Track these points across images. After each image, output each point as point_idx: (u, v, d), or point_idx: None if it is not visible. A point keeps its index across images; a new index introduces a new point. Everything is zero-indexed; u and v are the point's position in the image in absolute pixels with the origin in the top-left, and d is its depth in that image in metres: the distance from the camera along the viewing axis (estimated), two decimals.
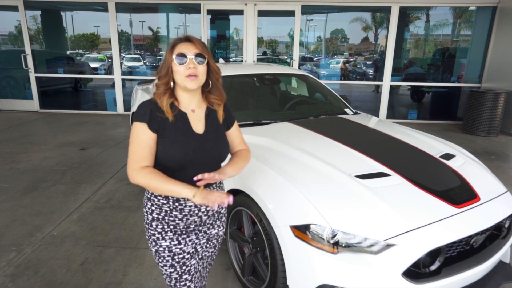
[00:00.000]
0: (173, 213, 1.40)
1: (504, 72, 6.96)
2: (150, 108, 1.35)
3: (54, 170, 4.34)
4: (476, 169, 2.34)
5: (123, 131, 6.41)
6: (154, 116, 1.33)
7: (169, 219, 1.41)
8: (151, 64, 8.71)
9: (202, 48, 1.36)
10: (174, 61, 1.33)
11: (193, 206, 1.42)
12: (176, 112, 1.38)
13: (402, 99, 8.49)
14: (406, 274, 1.65)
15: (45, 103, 8.13)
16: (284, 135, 2.58)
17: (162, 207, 1.40)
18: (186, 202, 1.40)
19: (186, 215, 1.42)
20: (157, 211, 1.41)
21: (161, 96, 1.36)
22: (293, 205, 1.83)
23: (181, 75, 1.33)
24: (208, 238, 1.53)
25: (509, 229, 2.10)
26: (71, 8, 8.16)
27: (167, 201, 1.39)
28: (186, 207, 1.41)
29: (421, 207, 1.81)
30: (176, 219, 1.42)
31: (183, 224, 1.43)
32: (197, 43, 1.36)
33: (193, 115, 1.43)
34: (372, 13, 8.05)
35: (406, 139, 2.60)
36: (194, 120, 1.43)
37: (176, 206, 1.40)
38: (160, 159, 1.36)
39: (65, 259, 2.59)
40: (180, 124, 1.38)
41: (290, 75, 4.01)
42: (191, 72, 1.32)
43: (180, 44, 1.36)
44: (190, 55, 1.33)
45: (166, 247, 1.42)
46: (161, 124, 1.35)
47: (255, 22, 7.43)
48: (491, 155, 5.39)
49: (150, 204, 1.42)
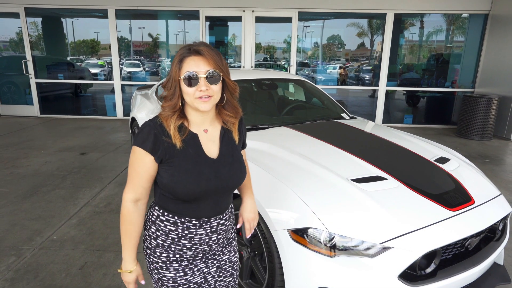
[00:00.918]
0: (181, 241, 1.25)
1: (497, 78, 7.07)
2: (154, 133, 1.15)
3: (54, 174, 4.36)
4: (470, 172, 2.37)
5: (122, 135, 6.44)
6: (158, 141, 1.15)
7: (176, 248, 1.25)
8: (150, 69, 8.78)
9: (215, 63, 1.14)
10: (182, 80, 1.13)
11: (204, 235, 1.27)
12: (186, 135, 1.19)
13: (397, 104, 8.57)
14: (402, 276, 1.67)
15: (45, 109, 8.17)
16: (281, 139, 2.61)
17: (169, 234, 1.24)
18: (197, 230, 1.25)
19: (196, 244, 1.27)
20: (162, 238, 1.25)
21: (168, 118, 1.16)
22: (290, 209, 1.86)
23: (191, 96, 1.14)
24: (218, 265, 1.38)
25: (502, 231, 2.13)
26: (71, 14, 8.23)
27: (175, 227, 1.24)
28: (197, 235, 1.26)
29: (417, 210, 1.84)
30: (184, 248, 1.26)
31: (190, 253, 1.28)
32: (209, 57, 1.13)
33: (205, 136, 1.24)
34: (368, 19, 8.13)
35: (401, 143, 2.63)
36: (207, 142, 1.24)
37: (186, 234, 1.24)
38: (168, 189, 1.19)
39: (65, 263, 2.61)
40: (190, 149, 1.19)
41: (288, 80, 4.05)
42: (203, 95, 1.13)
43: (189, 59, 1.14)
44: (202, 74, 1.12)
45: (171, 278, 1.27)
46: (167, 151, 1.16)
47: (253, 28, 7.51)
48: (485, 159, 5.44)
49: (155, 229, 1.26)
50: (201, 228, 1.25)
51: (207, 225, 1.26)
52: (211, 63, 1.13)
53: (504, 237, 2.13)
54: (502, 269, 2.27)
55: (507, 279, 2.22)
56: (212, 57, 1.14)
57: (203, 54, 1.14)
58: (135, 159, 1.17)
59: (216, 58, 1.15)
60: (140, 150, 1.15)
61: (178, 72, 1.14)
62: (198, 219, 1.24)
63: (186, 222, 1.23)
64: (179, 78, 1.14)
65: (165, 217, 1.24)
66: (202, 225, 1.25)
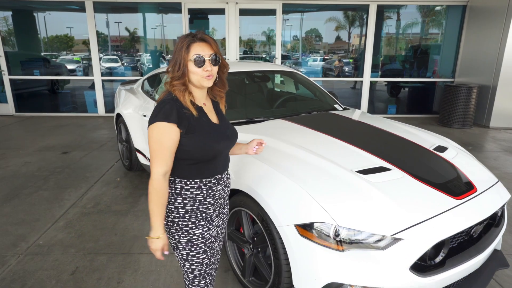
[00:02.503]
0: (207, 200, 1.47)
1: (475, 67, 7.25)
2: (176, 107, 1.34)
3: (35, 175, 4.16)
4: (469, 160, 2.38)
5: (106, 133, 6.22)
6: (181, 113, 1.34)
7: (203, 207, 1.47)
8: (129, 64, 8.53)
9: (216, 48, 1.39)
10: (191, 62, 1.34)
11: (221, 189, 1.52)
12: (195, 107, 1.41)
13: (380, 95, 8.68)
14: (413, 267, 1.65)
15: (21, 106, 7.80)
16: (279, 132, 2.55)
17: (196, 198, 1.45)
18: (217, 187, 1.49)
19: (217, 199, 1.51)
20: (191, 203, 1.45)
21: (183, 93, 1.37)
22: (296, 203, 1.80)
23: (198, 75, 1.36)
24: (223, 219, 1.63)
25: (501, 217, 2.15)
26: (45, 8, 7.87)
27: (200, 190, 1.45)
28: (217, 191, 1.50)
29: (424, 200, 1.82)
30: (209, 205, 1.48)
31: (212, 209, 1.51)
32: (212, 44, 1.38)
33: (205, 108, 1.49)
34: (351, 11, 8.14)
35: (399, 133, 2.62)
36: (209, 112, 1.49)
37: (210, 193, 1.47)
38: (194, 154, 1.39)
39: (54, 269, 2.47)
40: (203, 118, 1.43)
41: (279, 72, 3.98)
42: (209, 74, 1.36)
43: (195, 44, 1.35)
44: (207, 57, 1.36)
45: (200, 234, 1.47)
46: (190, 120, 1.37)
47: (237, 20, 7.38)
48: (468, 146, 5.56)
49: (182, 199, 1.44)
50: (219, 184, 1.50)
51: (221, 180, 1.52)
52: (213, 48, 1.38)
53: (503, 223, 2.15)
54: (500, 254, 2.30)
55: (505, 263, 2.25)
56: (214, 43, 1.39)
57: (208, 41, 1.38)
58: (161, 134, 1.32)
59: (216, 44, 1.40)
60: (165, 124, 1.31)
61: (187, 56, 1.35)
62: (215, 178, 1.48)
63: (208, 183, 1.45)
64: (188, 60, 1.35)
65: (189, 186, 1.43)
66: (219, 182, 1.50)
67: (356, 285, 1.66)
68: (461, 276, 1.82)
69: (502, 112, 6.78)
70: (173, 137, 1.33)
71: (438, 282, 1.70)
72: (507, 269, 2.49)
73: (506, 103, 6.73)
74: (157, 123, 1.32)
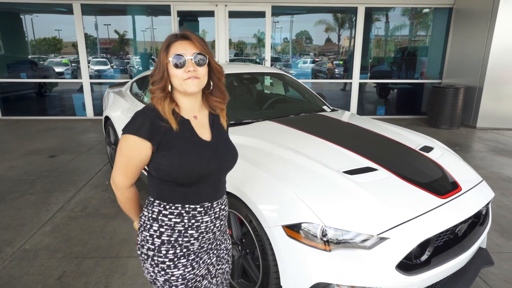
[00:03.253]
0: (188, 232, 1.23)
1: (462, 68, 7.39)
2: (150, 118, 1.15)
3: (22, 179, 4.09)
4: (454, 160, 2.42)
5: (94, 136, 6.16)
6: (155, 127, 1.15)
7: (183, 240, 1.24)
8: (118, 67, 8.47)
9: (202, 46, 1.19)
10: (170, 63, 1.16)
11: (209, 222, 1.27)
12: (178, 120, 1.20)
13: (369, 96, 8.77)
14: (399, 266, 1.67)
15: (7, 110, 7.69)
16: (268, 133, 2.56)
17: (175, 227, 1.22)
18: (203, 217, 1.25)
19: (203, 232, 1.26)
20: (168, 233, 1.22)
21: (161, 101, 1.17)
22: (284, 204, 1.81)
23: (179, 79, 1.16)
24: (218, 255, 1.39)
25: (485, 215, 2.19)
26: (32, 10, 7.77)
27: (181, 218, 1.22)
28: (203, 223, 1.26)
29: (410, 199, 1.84)
30: (191, 239, 1.25)
31: (197, 244, 1.27)
32: (195, 41, 1.18)
33: (195, 122, 1.26)
34: (340, 14, 8.23)
35: (386, 134, 2.65)
36: (199, 127, 1.26)
37: (193, 224, 1.23)
38: (169, 175, 1.18)
39: (40, 274, 2.43)
40: (186, 133, 1.20)
41: (268, 74, 4.00)
42: (191, 75, 1.16)
43: (176, 43, 1.18)
44: (189, 56, 1.16)
45: (180, 275, 1.24)
46: (165, 135, 1.16)
47: (226, 23, 7.39)
48: (455, 147, 5.65)
49: (158, 226, 1.22)
50: (206, 215, 1.26)
51: (211, 211, 1.27)
52: (197, 46, 1.18)
53: (487, 222, 2.19)
54: (485, 253, 2.34)
55: (490, 261, 2.29)
56: (198, 40, 1.19)
57: (190, 38, 1.19)
58: (129, 148, 1.17)
59: (202, 42, 1.20)
60: (134, 137, 1.15)
61: (166, 57, 1.17)
62: (202, 205, 1.24)
63: (191, 210, 1.23)
64: (167, 62, 1.17)
65: (168, 210, 1.22)
66: (206, 212, 1.26)
67: (343, 284, 1.67)
68: (447, 274, 1.85)
69: (488, 113, 6.91)
70: (141, 154, 1.16)
71: (424, 281, 1.72)
72: (493, 267, 2.54)
73: (492, 104, 6.86)
74: (127, 135, 1.16)
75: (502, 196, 3.75)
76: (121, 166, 1.21)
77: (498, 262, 2.62)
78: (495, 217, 3.31)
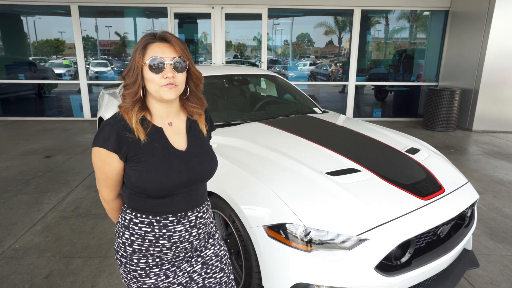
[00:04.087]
0: (159, 242, 1.17)
1: (458, 71, 7.40)
2: (116, 129, 1.08)
3: (16, 179, 4.12)
4: (439, 162, 2.43)
5: (90, 137, 6.19)
6: (121, 138, 1.08)
7: (155, 250, 1.17)
8: (119, 69, 8.51)
9: (182, 51, 1.10)
10: (146, 66, 1.07)
11: (183, 231, 1.19)
12: (149, 129, 1.13)
13: (367, 99, 8.79)
14: (379, 267, 1.68)
15: (5, 111, 7.74)
16: (254, 135, 2.57)
17: (146, 236, 1.16)
18: (175, 226, 1.17)
19: (176, 242, 1.19)
20: (138, 242, 1.17)
21: (129, 111, 1.09)
22: (265, 204, 1.82)
23: (155, 84, 1.08)
24: (203, 262, 1.29)
25: (470, 217, 2.20)
26: (31, 12, 7.82)
27: (151, 228, 1.15)
28: (176, 232, 1.17)
29: (391, 200, 1.85)
30: (163, 249, 1.18)
31: (171, 253, 1.20)
32: (176, 44, 1.09)
33: (170, 129, 1.18)
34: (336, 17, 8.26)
35: (373, 135, 2.66)
36: (173, 135, 1.18)
37: (164, 233, 1.16)
38: (138, 187, 1.12)
39: (28, 273, 2.45)
40: (156, 144, 1.13)
41: (259, 75, 4.02)
42: (169, 82, 1.07)
43: (154, 45, 1.08)
44: (168, 60, 1.07)
45: (152, 284, 1.19)
46: (131, 147, 1.10)
47: (223, 25, 7.42)
48: (450, 149, 5.65)
49: (129, 234, 1.17)
50: (180, 224, 1.18)
51: (185, 220, 1.19)
52: (177, 50, 1.09)
53: (472, 223, 2.20)
54: (471, 255, 2.34)
55: (476, 263, 2.30)
56: (178, 44, 1.10)
57: (170, 41, 1.09)
58: (100, 161, 1.12)
59: (182, 46, 1.11)
60: (102, 150, 1.09)
61: (142, 59, 1.08)
62: (175, 215, 1.17)
63: (163, 220, 1.16)
64: (143, 64, 1.08)
65: (139, 219, 1.17)
66: (180, 221, 1.18)
67: (323, 285, 1.68)
68: (428, 275, 1.85)
69: (484, 116, 6.91)
70: (113, 165, 1.11)
71: (404, 282, 1.73)
72: (479, 269, 2.55)
73: (488, 107, 6.87)
74: (96, 148, 1.10)
75: (494, 199, 3.75)
76: (100, 180, 1.17)
77: (486, 264, 2.63)
78: (486, 219, 3.31)
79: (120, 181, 1.17)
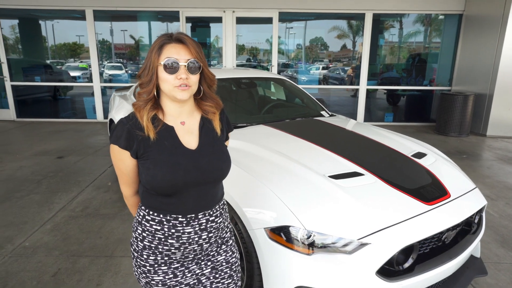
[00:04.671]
0: (168, 241, 1.19)
1: (472, 76, 7.26)
2: (127, 128, 1.13)
3: (29, 179, 4.22)
4: (446, 166, 2.39)
5: (102, 138, 6.30)
6: (132, 136, 1.13)
7: (164, 249, 1.20)
8: (133, 72, 8.65)
9: (196, 52, 1.12)
10: (161, 66, 1.10)
11: (193, 233, 1.20)
12: (160, 127, 1.16)
13: (378, 103, 8.70)
14: (380, 272, 1.66)
15: (22, 112, 7.94)
16: (259, 137, 2.58)
17: (155, 234, 1.19)
18: (184, 228, 1.19)
19: (185, 243, 1.20)
20: (149, 239, 1.20)
21: (141, 109, 1.13)
22: (267, 207, 1.82)
23: (169, 84, 1.11)
24: (213, 266, 1.30)
25: (478, 224, 2.15)
26: (48, 16, 8.02)
27: (161, 226, 1.18)
28: (185, 234, 1.19)
29: (394, 205, 1.83)
30: (172, 248, 1.20)
31: (180, 253, 1.22)
32: (191, 46, 1.12)
33: (182, 128, 1.20)
34: (349, 20, 8.22)
35: (379, 139, 2.64)
36: (185, 135, 1.20)
37: (173, 233, 1.18)
38: (147, 184, 1.16)
39: (36, 270, 2.50)
40: (166, 142, 1.15)
41: (267, 79, 4.03)
42: (183, 83, 1.10)
43: (169, 46, 1.11)
44: (182, 62, 1.10)
45: (160, 281, 1.22)
46: (141, 144, 1.13)
47: (234, 29, 7.48)
48: (463, 155, 5.54)
49: (141, 230, 1.22)
50: (189, 226, 1.19)
51: (195, 222, 1.20)
52: (192, 52, 1.12)
53: (480, 230, 2.15)
54: (479, 262, 2.29)
55: (484, 271, 2.24)
56: (193, 46, 1.13)
57: (185, 42, 1.12)
58: (115, 158, 1.19)
59: (197, 48, 1.13)
60: (115, 147, 1.16)
61: (157, 59, 1.11)
62: (185, 216, 1.19)
63: (172, 220, 1.18)
64: (158, 64, 1.11)
65: (151, 216, 1.20)
66: (189, 222, 1.19)
67: None
68: (432, 282, 1.82)
69: (498, 121, 6.76)
70: (126, 162, 1.17)
71: (406, 287, 1.71)
72: (488, 277, 2.49)
73: (503, 112, 6.71)
74: (111, 145, 1.16)
75: (506, 206, 3.66)
76: (118, 176, 1.24)
77: (495, 272, 2.57)
78: (497, 226, 3.24)
79: (136, 178, 1.23)
